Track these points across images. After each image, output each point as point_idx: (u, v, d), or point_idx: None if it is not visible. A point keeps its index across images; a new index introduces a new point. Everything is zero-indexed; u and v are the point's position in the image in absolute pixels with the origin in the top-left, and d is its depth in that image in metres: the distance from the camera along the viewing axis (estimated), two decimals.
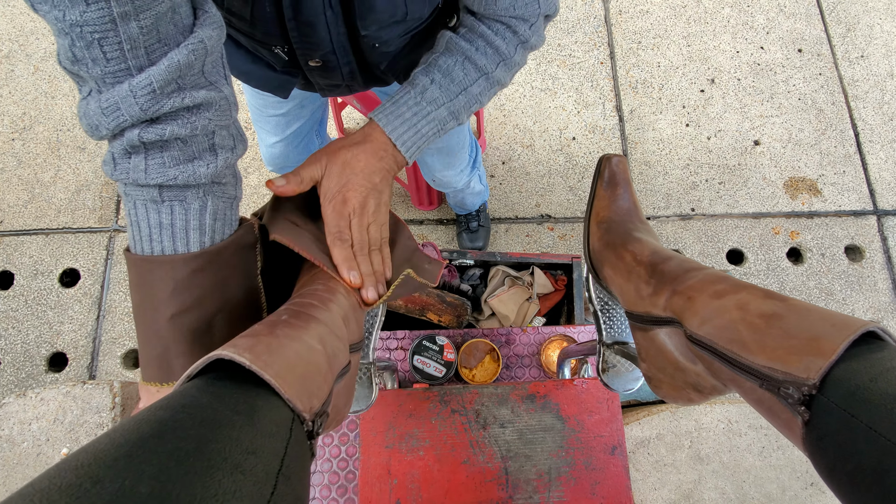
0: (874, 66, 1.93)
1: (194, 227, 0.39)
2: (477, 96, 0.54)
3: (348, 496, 0.79)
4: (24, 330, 1.53)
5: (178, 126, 0.37)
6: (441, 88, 0.52)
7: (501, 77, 0.55)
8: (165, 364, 0.39)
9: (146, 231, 0.39)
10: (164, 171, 0.37)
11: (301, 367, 0.31)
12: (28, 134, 1.72)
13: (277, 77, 0.66)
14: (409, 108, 0.51)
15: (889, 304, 1.67)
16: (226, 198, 0.42)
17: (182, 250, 0.39)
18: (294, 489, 0.24)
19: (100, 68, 0.34)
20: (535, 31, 0.55)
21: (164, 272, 0.39)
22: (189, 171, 0.38)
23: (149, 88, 0.34)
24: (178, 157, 0.38)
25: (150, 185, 0.37)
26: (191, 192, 0.39)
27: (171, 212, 0.39)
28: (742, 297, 0.34)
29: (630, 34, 1.94)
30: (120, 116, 0.35)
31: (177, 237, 0.39)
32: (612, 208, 0.54)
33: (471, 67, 0.53)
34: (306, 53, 0.59)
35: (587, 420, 0.69)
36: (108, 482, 0.19)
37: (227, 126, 0.41)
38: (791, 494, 1.00)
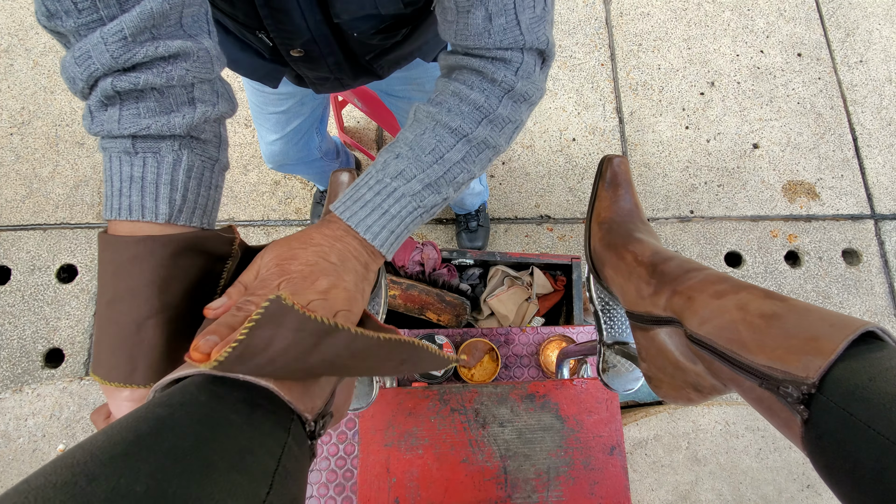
0: (873, 71, 1.94)
1: (165, 181, 0.37)
2: (460, 164, 0.45)
3: (346, 494, 0.79)
4: (21, 325, 1.52)
5: (152, 75, 0.35)
6: (408, 160, 0.43)
7: (489, 137, 0.45)
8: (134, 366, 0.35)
9: (117, 185, 0.37)
10: (138, 120, 0.36)
11: None
12: (27, 129, 1.72)
13: (266, 65, 0.65)
14: (370, 188, 0.42)
15: (886, 308, 1.68)
16: (205, 157, 0.40)
17: (150, 206, 0.37)
18: (290, 489, 0.24)
19: (73, 20, 0.34)
20: (523, 76, 0.45)
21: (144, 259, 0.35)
22: (163, 122, 0.37)
23: (119, 35, 0.34)
24: (153, 109, 0.37)
25: (124, 135, 0.36)
26: (165, 144, 0.37)
27: (143, 164, 0.37)
28: (742, 298, 0.34)
29: (631, 36, 1.94)
30: (92, 65, 0.34)
31: (146, 191, 0.37)
32: (614, 209, 0.54)
33: (443, 132, 0.44)
34: (286, 42, 0.57)
35: (586, 420, 0.69)
36: (104, 480, 0.18)
37: (208, 81, 0.40)
38: (787, 496, 1.00)
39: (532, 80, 0.46)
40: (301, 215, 1.68)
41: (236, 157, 1.73)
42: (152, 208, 0.37)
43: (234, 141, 1.74)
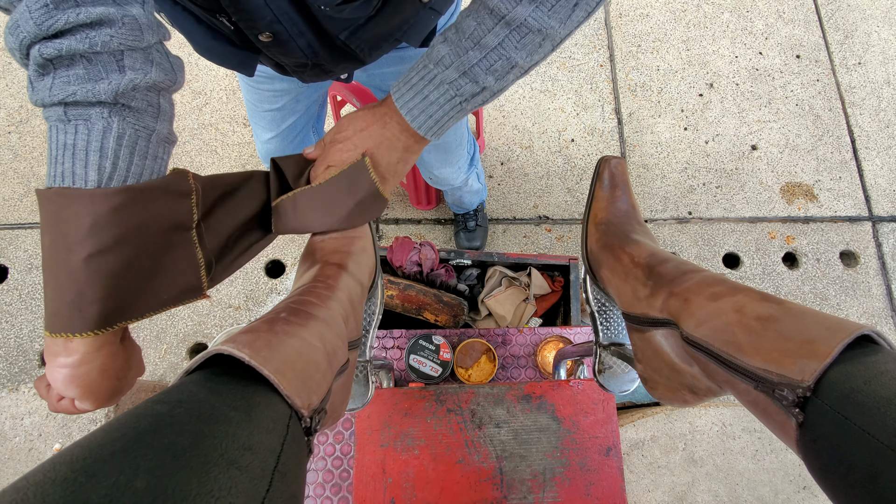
0: (871, 73, 1.94)
1: (95, 148, 0.38)
2: (497, 49, 0.42)
3: (342, 495, 0.79)
4: (18, 324, 1.52)
5: (75, 41, 0.36)
6: (450, 45, 0.43)
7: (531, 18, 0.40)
8: (78, 311, 0.37)
9: (54, 153, 0.38)
10: (66, 87, 0.37)
11: (300, 363, 0.31)
12: (24, 127, 1.71)
13: (238, 53, 0.62)
14: (417, 72, 0.45)
15: (883, 310, 1.68)
16: (139, 126, 0.40)
17: (80, 172, 0.37)
18: (290, 486, 0.24)
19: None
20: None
21: (82, 206, 0.36)
22: (88, 88, 0.37)
23: (41, 2, 0.35)
24: (81, 76, 0.37)
25: (55, 102, 0.37)
26: (95, 111, 0.38)
27: (75, 131, 0.38)
28: (738, 300, 0.34)
29: (630, 37, 1.94)
30: (21, 34, 0.35)
31: (77, 157, 0.38)
32: (611, 210, 0.54)
33: (483, 13, 0.42)
34: (251, 27, 0.54)
35: (582, 421, 0.69)
36: (103, 476, 0.18)
37: (140, 49, 0.40)
38: (784, 498, 1.00)
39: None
40: None
41: (235, 157, 1.72)
42: (82, 175, 0.38)
43: (233, 140, 1.74)
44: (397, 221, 1.69)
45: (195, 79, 1.80)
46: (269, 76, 0.83)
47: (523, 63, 0.43)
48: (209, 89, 1.80)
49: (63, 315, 0.37)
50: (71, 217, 0.36)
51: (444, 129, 0.47)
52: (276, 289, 1.59)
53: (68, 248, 0.36)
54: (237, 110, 1.78)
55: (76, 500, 0.17)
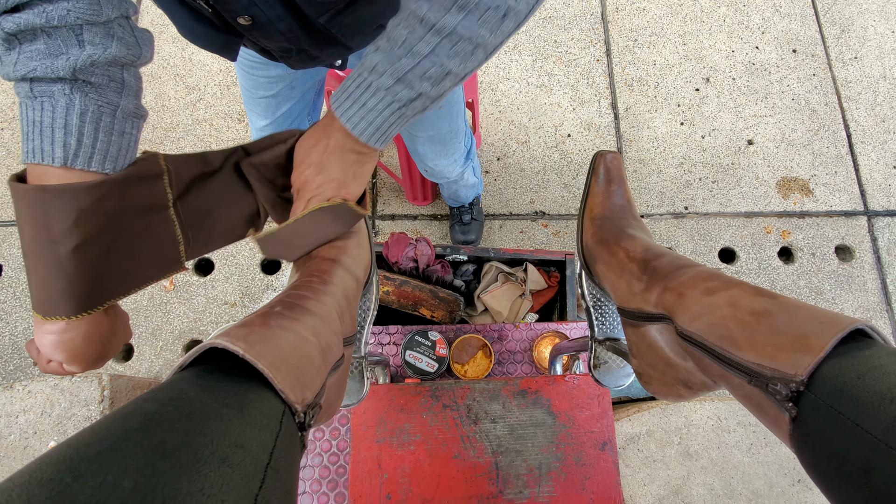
0: (867, 68, 1.94)
1: (59, 125, 0.38)
2: (430, 57, 0.42)
3: (339, 490, 0.79)
4: (13, 322, 1.51)
5: (32, 15, 0.36)
6: (382, 53, 0.43)
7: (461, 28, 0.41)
8: (70, 297, 0.39)
9: (25, 129, 0.39)
10: (28, 62, 0.37)
11: (295, 358, 0.30)
12: (18, 123, 1.69)
13: (220, 36, 0.62)
14: (353, 80, 0.45)
15: (878, 304, 1.69)
16: (102, 102, 0.41)
17: (48, 149, 0.38)
18: (283, 482, 0.24)
19: None
20: None
21: (65, 202, 0.38)
22: (48, 63, 0.38)
23: None
24: (42, 51, 0.38)
25: (19, 77, 0.38)
26: (57, 88, 0.38)
27: (41, 108, 0.38)
28: (733, 294, 0.34)
29: (626, 32, 1.94)
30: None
31: (44, 135, 0.38)
32: (606, 205, 0.54)
33: (413, 21, 0.42)
34: (228, 9, 0.54)
35: (578, 416, 0.69)
36: (90, 476, 0.18)
37: (100, 23, 0.40)
38: (778, 491, 1.01)
39: None
40: None
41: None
42: (49, 152, 0.38)
43: (228, 136, 1.73)
44: (393, 217, 1.69)
45: (189, 74, 1.79)
46: (264, 62, 0.83)
47: (457, 70, 0.44)
48: (203, 85, 1.78)
49: (55, 301, 0.39)
50: (53, 212, 0.37)
51: (388, 136, 0.47)
52: (272, 285, 1.58)
53: (53, 240, 0.38)
54: (231, 106, 1.77)
55: (61, 500, 0.17)
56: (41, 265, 0.38)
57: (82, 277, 0.39)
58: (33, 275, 0.39)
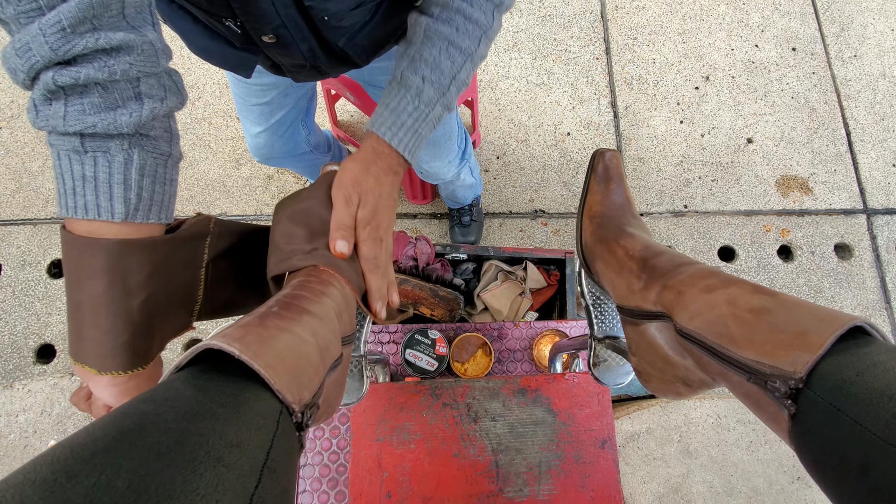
0: (867, 66, 1.94)
1: (118, 181, 0.37)
2: (464, 80, 0.52)
3: (339, 489, 0.79)
4: (12, 321, 1.51)
5: (93, 69, 0.35)
6: (433, 85, 0.50)
7: (484, 52, 0.53)
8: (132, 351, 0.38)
9: (69, 184, 0.37)
10: (83, 118, 0.35)
11: (292, 358, 0.30)
12: (16, 122, 1.69)
13: (237, 54, 0.63)
14: (409, 114, 0.50)
15: (877, 302, 1.69)
16: (157, 153, 0.40)
17: (105, 205, 0.37)
18: (280, 482, 0.24)
19: (12, 8, 0.33)
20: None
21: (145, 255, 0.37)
22: (109, 120, 0.36)
23: (58, 26, 0.33)
24: (98, 105, 0.36)
25: (70, 132, 0.36)
26: (114, 143, 0.37)
27: (94, 163, 0.37)
28: (732, 292, 0.34)
29: (626, 30, 1.94)
30: (32, 57, 0.33)
31: (100, 191, 0.37)
32: (605, 203, 0.54)
33: (456, 53, 0.50)
34: (256, 28, 0.56)
35: (578, 414, 0.69)
36: (84, 477, 0.18)
37: (155, 75, 0.39)
38: (778, 488, 1.01)
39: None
40: None
41: (228, 152, 1.71)
42: (108, 207, 0.37)
43: (227, 135, 1.73)
44: None
45: (188, 73, 1.78)
46: (258, 70, 0.83)
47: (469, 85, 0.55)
48: (202, 83, 1.78)
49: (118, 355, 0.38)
50: (133, 265, 0.37)
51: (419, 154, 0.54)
52: None
53: (128, 292, 0.37)
54: (230, 104, 1.76)
55: (55, 500, 0.17)
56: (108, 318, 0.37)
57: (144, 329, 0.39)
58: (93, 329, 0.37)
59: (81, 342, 0.38)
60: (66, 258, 0.37)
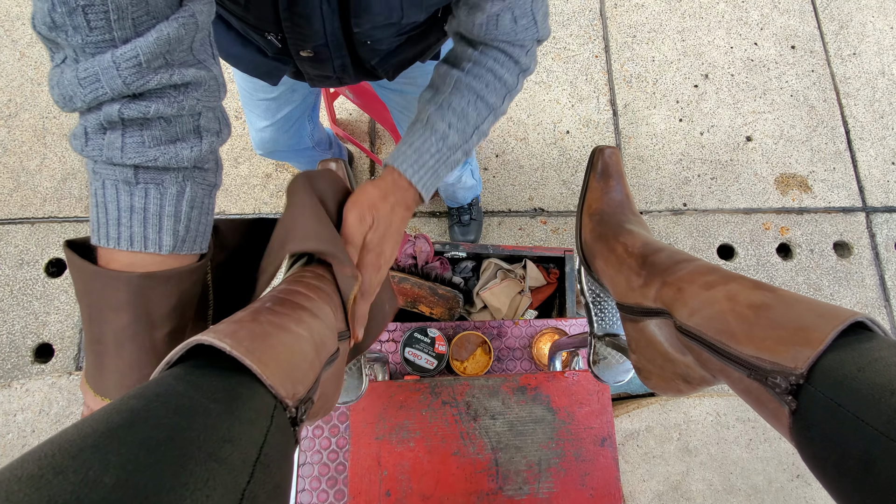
0: (866, 64, 1.94)
1: (169, 213, 0.36)
2: (485, 131, 0.55)
3: (338, 487, 0.79)
4: (10, 321, 1.50)
5: (163, 105, 0.34)
6: (458, 132, 0.53)
7: (506, 109, 0.56)
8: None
9: (114, 214, 0.35)
10: (144, 150, 0.34)
11: (285, 353, 0.30)
12: (13, 121, 1.69)
13: (267, 63, 0.65)
14: (432, 155, 0.52)
15: (876, 300, 1.69)
16: (205, 185, 0.39)
17: (153, 237, 0.36)
18: (273, 477, 0.24)
19: (81, 37, 0.31)
20: (532, 57, 0.57)
21: (172, 287, 0.36)
22: (171, 154, 0.35)
23: (134, 61, 0.32)
24: (159, 138, 0.35)
25: (126, 164, 0.34)
26: (169, 176, 0.36)
27: (145, 195, 0.35)
28: (731, 288, 0.34)
29: (625, 28, 1.93)
30: (99, 89, 0.32)
31: (149, 223, 0.36)
32: (605, 200, 0.54)
33: (482, 106, 0.54)
34: (298, 43, 0.58)
35: (577, 412, 0.69)
36: (72, 472, 0.18)
37: (213, 108, 0.39)
38: (777, 486, 1.01)
39: (535, 58, 0.58)
40: None
41: (227, 150, 1.71)
42: (156, 240, 0.36)
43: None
44: None
45: None
46: None
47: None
48: None
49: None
50: (157, 297, 0.36)
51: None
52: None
53: (153, 326, 0.36)
54: (228, 103, 1.76)
55: (41, 496, 0.17)
56: (133, 352, 0.36)
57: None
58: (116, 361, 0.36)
59: (103, 374, 0.37)
60: (85, 290, 0.36)
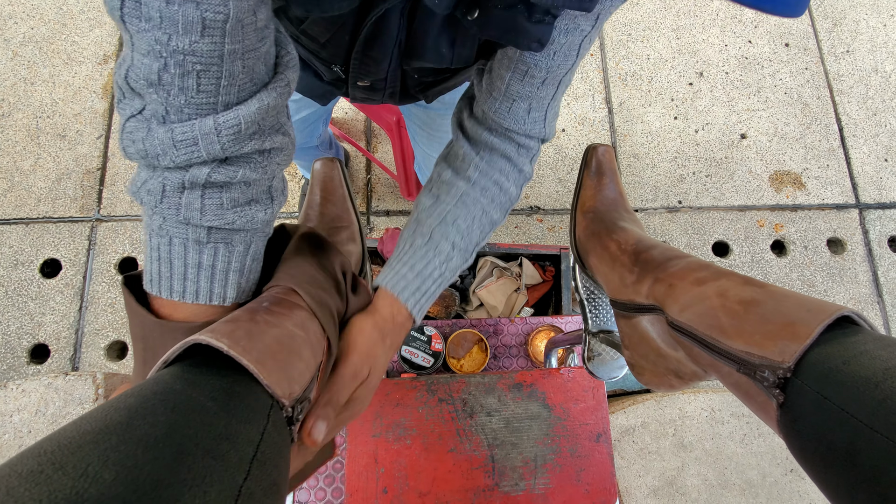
0: (859, 62, 1.95)
1: (235, 269, 0.37)
2: (483, 245, 0.54)
3: (336, 485, 0.79)
4: (5, 321, 1.50)
5: (250, 169, 0.34)
6: (460, 253, 0.51)
7: (503, 221, 0.55)
8: None
9: (180, 270, 0.35)
10: (222, 213, 0.34)
11: (282, 353, 0.30)
12: (6, 121, 1.68)
13: (322, 86, 0.66)
14: (434, 280, 0.49)
15: (869, 296, 1.71)
16: (263, 236, 0.40)
17: (218, 291, 0.36)
18: (270, 475, 0.24)
19: (185, 97, 0.31)
20: (533, 165, 0.55)
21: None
22: (248, 217, 0.35)
23: (236, 129, 0.32)
24: (237, 200, 0.35)
25: (202, 226, 0.34)
26: (239, 236, 0.36)
27: (214, 253, 0.35)
28: (722, 284, 0.35)
29: (620, 26, 1.94)
30: (195, 152, 0.32)
31: (215, 279, 0.36)
32: (598, 198, 0.54)
33: (486, 223, 0.52)
34: (360, 76, 0.58)
35: (573, 408, 0.70)
36: (71, 468, 0.18)
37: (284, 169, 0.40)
38: (771, 480, 1.02)
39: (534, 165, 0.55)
40: (289, 207, 1.66)
41: None
42: (220, 294, 0.37)
43: None
44: (388, 213, 1.69)
45: None
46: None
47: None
48: None
49: None
50: None
51: None
52: None
53: None
54: None
55: (41, 491, 0.17)
56: None
57: None
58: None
59: None
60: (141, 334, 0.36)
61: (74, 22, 1.79)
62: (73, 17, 1.80)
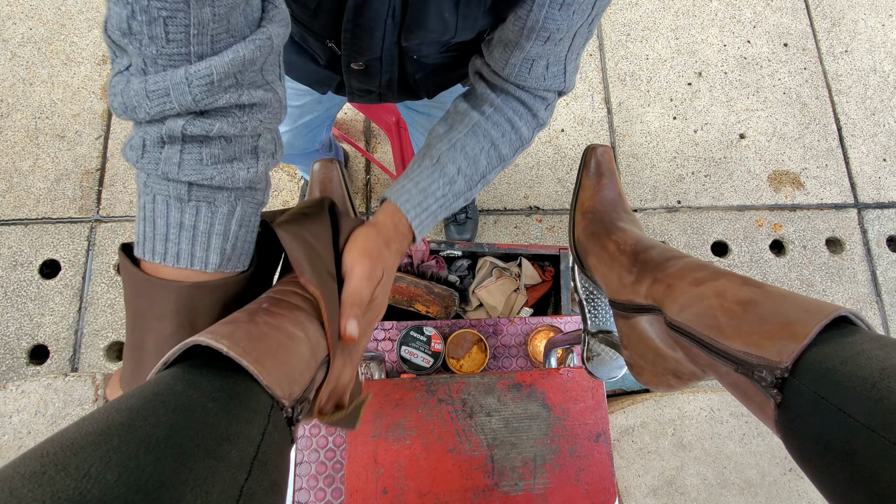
0: (858, 61, 1.96)
1: (219, 231, 0.36)
2: (490, 180, 0.54)
3: (336, 486, 0.79)
4: (4, 322, 1.50)
5: (227, 124, 0.34)
6: (466, 179, 0.51)
7: (514, 160, 0.55)
8: None
9: (162, 230, 0.35)
10: (201, 168, 0.34)
11: (281, 354, 0.30)
12: (5, 122, 1.68)
13: (320, 72, 0.64)
14: (437, 199, 0.50)
15: (868, 296, 1.71)
16: (254, 203, 0.39)
17: (200, 255, 0.36)
18: (270, 475, 0.24)
19: (156, 48, 0.31)
20: (550, 111, 0.55)
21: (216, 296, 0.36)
22: (228, 173, 0.35)
23: (207, 80, 0.32)
24: (217, 156, 0.34)
25: (181, 181, 0.34)
26: (222, 195, 0.36)
27: (195, 213, 0.35)
28: (720, 285, 0.35)
29: (619, 26, 1.94)
30: (167, 103, 0.32)
31: (197, 240, 0.35)
32: (597, 198, 0.55)
33: (494, 155, 0.53)
34: (352, 55, 0.57)
35: (572, 408, 0.70)
36: (74, 469, 0.18)
37: (272, 130, 0.39)
38: (770, 480, 1.02)
39: (552, 112, 0.56)
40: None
41: None
42: (202, 258, 0.36)
43: None
44: None
45: None
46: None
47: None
48: None
49: None
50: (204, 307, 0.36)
51: None
52: None
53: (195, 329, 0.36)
54: None
55: (44, 492, 0.17)
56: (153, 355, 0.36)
57: None
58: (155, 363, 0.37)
59: (139, 380, 0.37)
60: (132, 297, 0.36)
61: (73, 22, 1.79)
62: (72, 17, 1.79)
